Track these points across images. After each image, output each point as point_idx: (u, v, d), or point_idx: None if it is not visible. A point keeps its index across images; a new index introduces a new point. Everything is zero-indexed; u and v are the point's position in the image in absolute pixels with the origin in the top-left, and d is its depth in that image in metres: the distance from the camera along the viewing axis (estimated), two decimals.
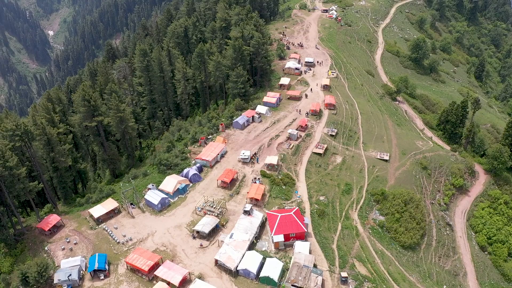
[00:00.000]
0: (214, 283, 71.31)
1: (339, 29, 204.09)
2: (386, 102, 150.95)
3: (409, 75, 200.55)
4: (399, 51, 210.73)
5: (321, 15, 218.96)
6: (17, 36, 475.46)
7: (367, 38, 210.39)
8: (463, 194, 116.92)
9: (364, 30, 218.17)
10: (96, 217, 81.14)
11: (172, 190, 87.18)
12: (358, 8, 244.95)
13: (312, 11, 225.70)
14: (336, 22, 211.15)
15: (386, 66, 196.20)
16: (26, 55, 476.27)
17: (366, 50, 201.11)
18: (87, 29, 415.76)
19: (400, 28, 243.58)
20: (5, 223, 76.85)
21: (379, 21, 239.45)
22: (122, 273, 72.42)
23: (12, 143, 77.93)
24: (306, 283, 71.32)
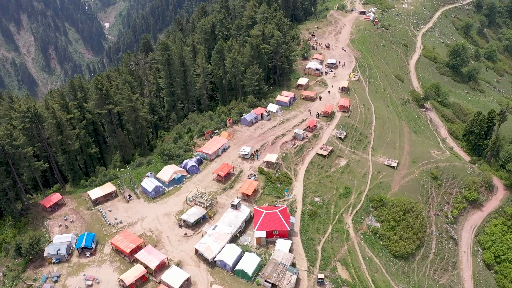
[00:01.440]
0: (190, 271, 73.97)
1: (374, 32, 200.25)
2: (409, 108, 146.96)
3: (444, 83, 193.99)
4: (437, 57, 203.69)
5: (358, 17, 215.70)
6: (75, 27, 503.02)
7: (404, 42, 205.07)
8: (475, 208, 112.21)
9: (402, 33, 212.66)
10: (93, 198, 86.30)
11: (167, 179, 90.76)
12: (400, 11, 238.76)
13: (349, 12, 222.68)
14: (373, 24, 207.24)
15: (420, 72, 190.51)
16: (82, 45, 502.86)
17: (401, 54, 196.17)
18: (138, 23, 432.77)
19: (443, 33, 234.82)
20: (11, 197, 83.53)
21: (420, 25, 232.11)
22: (107, 253, 76.81)
23: (22, 124, 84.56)
24: (279, 280, 72.25)
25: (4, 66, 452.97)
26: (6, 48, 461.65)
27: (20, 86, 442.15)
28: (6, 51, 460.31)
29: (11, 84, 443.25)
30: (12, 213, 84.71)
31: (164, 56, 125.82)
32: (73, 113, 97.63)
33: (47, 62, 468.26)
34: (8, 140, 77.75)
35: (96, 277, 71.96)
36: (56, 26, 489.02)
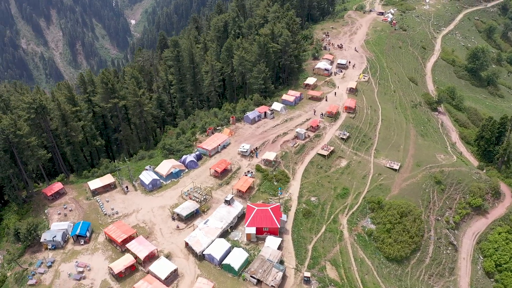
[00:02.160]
0: (179, 263, 75.68)
1: (391, 33, 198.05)
2: (419, 111, 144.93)
3: (462, 86, 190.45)
4: (455, 60, 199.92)
5: (376, 17, 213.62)
6: (102, 23, 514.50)
7: (422, 44, 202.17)
8: (479, 215, 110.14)
9: (421, 35, 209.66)
10: (92, 189, 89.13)
11: (165, 173, 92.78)
12: (420, 12, 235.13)
13: (367, 13, 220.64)
14: (390, 25, 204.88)
15: (436, 75, 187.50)
16: (108, 41, 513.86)
17: (418, 56, 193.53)
18: (162, 20, 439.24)
19: (464, 36, 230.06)
20: (15, 184, 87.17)
21: (441, 27, 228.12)
22: (100, 242, 79.32)
23: (28, 114, 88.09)
24: (265, 276, 73.07)
25: (33, 60, 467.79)
26: (36, 43, 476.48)
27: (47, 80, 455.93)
28: (36, 45, 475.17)
29: (39, 78, 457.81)
30: (16, 199, 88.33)
31: (174, 52, 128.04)
32: (79, 105, 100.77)
33: (74, 57, 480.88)
34: (12, 130, 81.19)
35: (87, 265, 74.47)
36: (83, 22, 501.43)
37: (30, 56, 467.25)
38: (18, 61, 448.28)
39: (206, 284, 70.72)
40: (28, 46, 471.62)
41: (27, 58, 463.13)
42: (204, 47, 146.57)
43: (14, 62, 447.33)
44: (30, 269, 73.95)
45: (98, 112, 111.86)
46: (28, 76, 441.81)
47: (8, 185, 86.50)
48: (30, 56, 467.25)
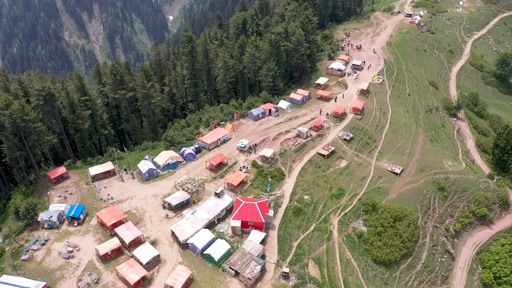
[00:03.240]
0: (163, 250, 78.67)
1: (417, 35, 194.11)
2: (435, 116, 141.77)
3: (488, 93, 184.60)
4: (484, 65, 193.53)
5: (403, 19, 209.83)
6: (141, 18, 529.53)
7: (450, 48, 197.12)
8: (483, 225, 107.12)
9: (450, 39, 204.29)
10: (92, 175, 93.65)
11: (162, 163, 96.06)
12: (452, 15, 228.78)
13: (394, 14, 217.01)
14: (417, 28, 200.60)
15: (461, 80, 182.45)
16: (146, 36, 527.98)
17: (444, 60, 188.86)
18: (198, 17, 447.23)
19: (497, 41, 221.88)
20: (22, 165, 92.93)
21: (473, 31, 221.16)
22: (92, 225, 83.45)
23: (37, 101, 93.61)
24: (242, 268, 74.67)
25: (75, 52, 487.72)
26: (78, 35, 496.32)
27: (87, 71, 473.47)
28: (78, 38, 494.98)
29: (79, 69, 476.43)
30: (23, 181, 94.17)
31: (187, 48, 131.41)
32: (89, 95, 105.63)
33: (113, 50, 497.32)
34: (20, 114, 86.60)
35: (77, 245, 78.67)
36: (123, 17, 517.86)
37: (72, 48, 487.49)
38: (60, 52, 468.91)
39: (184, 271, 73.16)
40: (70, 39, 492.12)
41: (69, 50, 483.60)
42: (221, 43, 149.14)
43: (56, 53, 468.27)
44: (25, 245, 78.89)
45: (111, 103, 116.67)
46: (69, 67, 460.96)
47: (16, 167, 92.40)
48: (72, 48, 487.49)
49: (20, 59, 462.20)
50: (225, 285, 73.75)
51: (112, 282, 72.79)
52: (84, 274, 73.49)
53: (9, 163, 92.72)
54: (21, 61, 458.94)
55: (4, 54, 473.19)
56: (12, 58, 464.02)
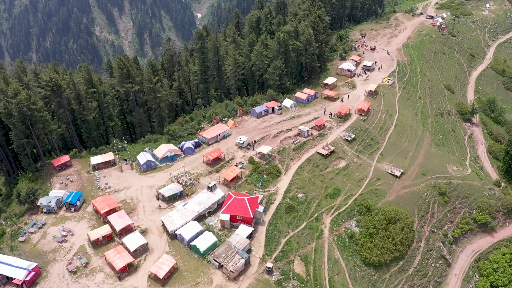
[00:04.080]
0: (152, 239, 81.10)
1: (437, 38, 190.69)
2: (446, 120, 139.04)
3: (509, 99, 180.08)
4: (506, 70, 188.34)
5: (425, 21, 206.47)
6: (170, 15, 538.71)
7: (471, 52, 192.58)
8: (485, 232, 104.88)
9: (472, 42, 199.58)
10: (93, 164, 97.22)
11: (161, 156, 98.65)
12: (477, 18, 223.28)
13: (416, 16, 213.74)
14: (438, 30, 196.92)
15: (481, 85, 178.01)
16: (174, 33, 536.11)
17: (464, 64, 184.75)
18: (224, 14, 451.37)
19: None
20: (28, 152, 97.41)
21: (498, 34, 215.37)
22: (88, 212, 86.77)
23: (45, 91, 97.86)
24: (226, 261, 76.14)
25: (105, 47, 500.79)
26: (108, 31, 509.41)
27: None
28: (108, 33, 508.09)
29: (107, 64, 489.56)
30: (29, 167, 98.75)
31: (198, 44, 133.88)
32: (97, 87, 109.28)
33: (141, 46, 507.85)
34: (27, 103, 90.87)
35: (71, 230, 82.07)
36: (153, 13, 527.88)
37: (102, 43, 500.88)
38: (91, 47, 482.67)
39: (169, 260, 75.28)
40: (101, 34, 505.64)
41: (99, 45, 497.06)
42: (233, 41, 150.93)
43: (87, 48, 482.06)
44: (24, 228, 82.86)
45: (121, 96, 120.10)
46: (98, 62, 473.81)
47: (22, 153, 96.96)
48: (102, 43, 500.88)
49: (52, 53, 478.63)
50: (208, 276, 75.40)
51: (100, 267, 75.66)
52: (75, 258, 76.58)
53: (16, 149, 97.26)
54: (54, 55, 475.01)
55: (38, 48, 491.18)
56: (45, 51, 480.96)
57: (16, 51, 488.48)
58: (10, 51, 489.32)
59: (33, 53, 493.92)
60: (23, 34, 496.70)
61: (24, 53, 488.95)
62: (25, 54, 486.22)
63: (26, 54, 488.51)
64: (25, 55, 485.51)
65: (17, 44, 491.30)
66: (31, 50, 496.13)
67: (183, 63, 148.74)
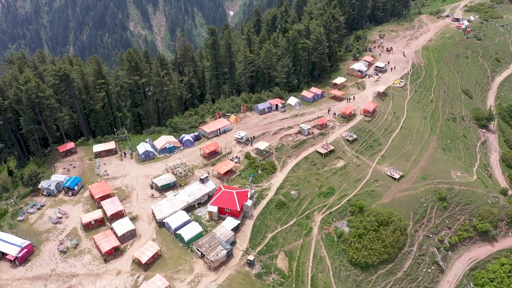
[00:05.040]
0: (141, 226, 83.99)
1: (461, 41, 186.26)
2: (458, 125, 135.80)
3: None
4: None
5: (450, 23, 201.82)
6: (202, 12, 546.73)
7: (497, 56, 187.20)
8: (485, 241, 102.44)
9: (498, 47, 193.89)
10: (95, 151, 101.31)
11: (159, 147, 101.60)
12: (507, 21, 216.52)
13: (441, 18, 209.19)
14: (463, 33, 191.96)
15: (504, 91, 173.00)
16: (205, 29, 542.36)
17: (487, 69, 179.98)
18: None
19: None
20: (37, 138, 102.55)
21: None
22: (84, 197, 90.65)
23: (54, 80, 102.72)
24: (208, 251, 77.97)
25: (138, 42, 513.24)
26: (142, 26, 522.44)
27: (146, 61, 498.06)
28: (142, 28, 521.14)
29: None
30: (37, 152, 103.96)
31: (209, 40, 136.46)
32: (105, 78, 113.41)
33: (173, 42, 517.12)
34: (35, 91, 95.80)
35: (67, 212, 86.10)
36: (186, 10, 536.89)
37: (136, 38, 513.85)
38: (124, 41, 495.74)
39: (152, 246, 77.85)
40: (135, 29, 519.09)
41: (132, 40, 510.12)
42: (247, 38, 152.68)
43: (121, 42, 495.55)
44: (24, 208, 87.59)
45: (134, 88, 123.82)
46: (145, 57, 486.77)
47: (31, 138, 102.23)
48: (136, 38, 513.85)
49: (88, 46, 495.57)
50: (190, 264, 77.45)
51: (88, 249, 79.13)
52: (66, 239, 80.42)
53: (25, 134, 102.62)
54: (89, 48, 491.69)
55: (75, 41, 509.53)
56: (82, 44, 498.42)
57: (54, 44, 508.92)
58: (49, 43, 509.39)
59: (71, 46, 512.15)
60: (61, 27, 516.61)
61: (62, 45, 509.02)
62: (63, 47, 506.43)
63: (64, 46, 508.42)
64: (63, 47, 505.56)
65: (55, 37, 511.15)
66: (68, 43, 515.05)
67: (197, 58, 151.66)
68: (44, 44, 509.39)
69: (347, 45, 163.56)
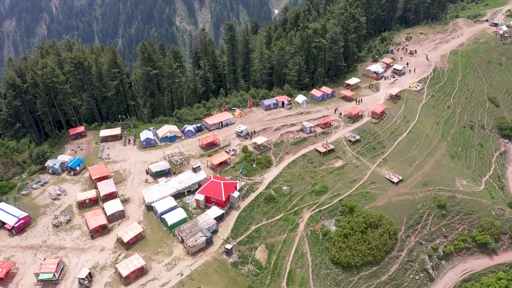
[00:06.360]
0: (131, 208, 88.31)
1: (496, 47, 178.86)
2: (475, 133, 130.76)
3: None
4: None
5: (486, 28, 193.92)
6: (247, 9, 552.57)
7: None
8: (483, 253, 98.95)
9: None
10: (101, 136, 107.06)
11: (161, 135, 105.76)
12: None
13: (478, 22, 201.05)
14: (500, 39, 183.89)
15: None
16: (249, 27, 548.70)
17: None
18: None
19: None
20: (51, 120, 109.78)
21: None
22: (85, 177, 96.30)
23: (69, 67, 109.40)
24: (187, 237, 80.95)
25: (182, 37, 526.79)
26: (188, 22, 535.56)
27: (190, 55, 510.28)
28: (187, 24, 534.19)
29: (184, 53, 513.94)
30: (51, 133, 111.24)
31: (227, 35, 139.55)
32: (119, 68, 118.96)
33: (216, 38, 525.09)
34: (50, 76, 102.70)
35: (66, 190, 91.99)
36: (231, 7, 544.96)
37: (181, 33, 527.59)
38: (170, 36, 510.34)
39: (136, 227, 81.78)
40: (180, 24, 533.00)
41: (177, 35, 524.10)
42: (267, 35, 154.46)
43: (166, 36, 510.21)
44: (29, 184, 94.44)
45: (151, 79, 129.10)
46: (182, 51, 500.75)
47: (46, 120, 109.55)
48: (181, 33, 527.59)
49: (135, 39, 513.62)
50: (170, 248, 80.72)
51: (79, 225, 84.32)
52: (60, 214, 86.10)
53: (41, 116, 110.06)
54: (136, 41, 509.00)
55: (123, 34, 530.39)
56: (130, 37, 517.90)
57: (105, 36, 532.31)
58: (99, 35, 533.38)
59: (119, 38, 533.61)
60: (112, 20, 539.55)
61: (111, 37, 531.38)
62: (112, 39, 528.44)
63: (113, 39, 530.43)
64: (113, 39, 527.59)
65: (106, 29, 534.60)
66: (117, 36, 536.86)
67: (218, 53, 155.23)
68: (95, 35, 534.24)
69: (369, 46, 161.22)
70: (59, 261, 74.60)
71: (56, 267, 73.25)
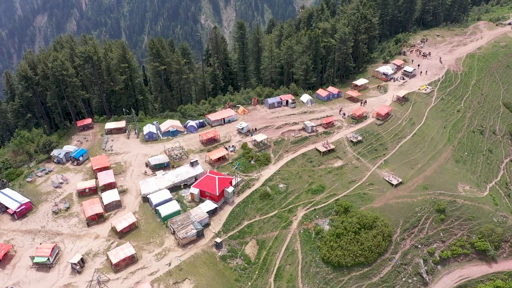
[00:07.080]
0: (128, 199, 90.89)
1: None
2: (485, 138, 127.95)
3: None
4: None
5: (508, 32, 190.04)
6: (272, 9, 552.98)
7: None
8: (482, 260, 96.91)
9: None
10: (106, 128, 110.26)
11: (163, 130, 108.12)
12: None
13: (501, 25, 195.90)
14: None
15: None
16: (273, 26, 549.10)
17: None
18: None
19: None
20: (60, 111, 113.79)
21: None
22: (87, 167, 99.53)
23: (79, 61, 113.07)
24: (178, 229, 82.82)
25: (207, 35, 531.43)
26: (212, 20, 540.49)
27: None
28: (212, 22, 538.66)
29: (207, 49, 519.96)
30: (60, 124, 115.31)
31: (238, 33, 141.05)
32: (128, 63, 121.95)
33: None
34: (59, 69, 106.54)
35: (68, 179, 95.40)
36: (256, 6, 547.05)
37: (205, 31, 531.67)
38: (194, 33, 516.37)
39: (130, 217, 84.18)
40: (205, 22, 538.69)
41: (202, 32, 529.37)
42: (279, 34, 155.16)
43: (191, 34, 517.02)
44: (34, 172, 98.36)
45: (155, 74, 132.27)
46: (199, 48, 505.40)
47: (55, 111, 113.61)
48: (205, 31, 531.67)
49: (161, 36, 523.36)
50: (161, 239, 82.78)
51: (77, 213, 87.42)
52: (59, 202, 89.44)
53: (51, 107, 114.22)
54: None
55: (149, 31, 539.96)
56: (155, 34, 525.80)
57: (132, 32, 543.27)
58: (126, 32, 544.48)
59: (145, 35, 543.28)
60: (139, 17, 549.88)
61: (138, 34, 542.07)
62: (138, 35, 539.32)
63: (139, 35, 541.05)
64: (139, 36, 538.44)
65: (133, 26, 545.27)
66: (144, 32, 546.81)
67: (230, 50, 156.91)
68: (122, 32, 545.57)
69: (382, 47, 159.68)
70: (54, 246, 77.70)
71: (51, 251, 76.32)
